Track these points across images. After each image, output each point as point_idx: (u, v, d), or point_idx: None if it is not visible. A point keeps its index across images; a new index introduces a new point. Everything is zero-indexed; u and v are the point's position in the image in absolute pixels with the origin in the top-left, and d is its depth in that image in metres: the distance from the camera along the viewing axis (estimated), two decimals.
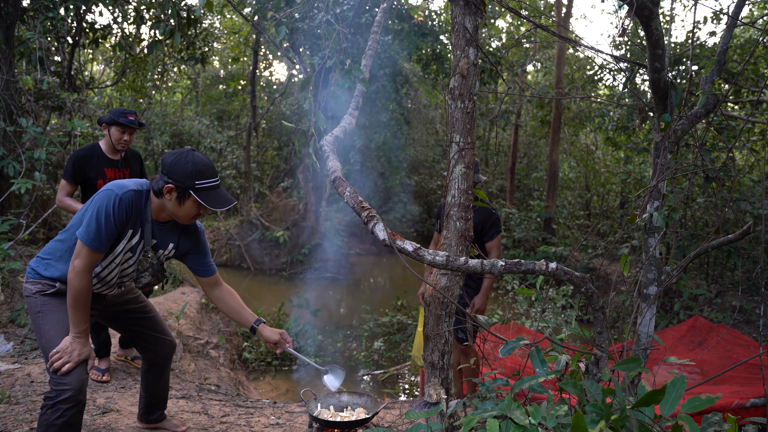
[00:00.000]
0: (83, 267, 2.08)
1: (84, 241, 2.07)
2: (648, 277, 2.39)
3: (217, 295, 2.48)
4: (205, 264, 2.45)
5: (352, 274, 11.57)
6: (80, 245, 2.08)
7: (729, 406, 2.91)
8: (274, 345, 2.43)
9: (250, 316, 2.46)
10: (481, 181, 3.42)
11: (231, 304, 2.47)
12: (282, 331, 2.45)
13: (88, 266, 2.09)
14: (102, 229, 2.08)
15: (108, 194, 2.12)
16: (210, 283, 2.47)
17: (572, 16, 20.39)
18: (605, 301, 2.08)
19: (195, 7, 6.74)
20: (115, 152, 3.47)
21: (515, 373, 1.91)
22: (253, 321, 2.44)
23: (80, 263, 2.07)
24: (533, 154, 16.84)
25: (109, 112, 3.42)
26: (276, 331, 2.43)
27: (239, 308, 2.47)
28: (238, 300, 2.50)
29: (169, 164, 2.14)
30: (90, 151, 3.42)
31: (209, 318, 5.81)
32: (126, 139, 3.41)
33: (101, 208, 2.09)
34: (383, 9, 2.87)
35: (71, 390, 2.05)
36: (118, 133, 3.38)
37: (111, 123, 3.36)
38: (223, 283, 2.52)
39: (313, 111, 2.26)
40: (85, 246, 2.07)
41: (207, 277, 2.45)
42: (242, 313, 2.47)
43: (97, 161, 3.41)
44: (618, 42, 9.30)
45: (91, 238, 2.07)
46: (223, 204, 2.18)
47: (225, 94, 17.73)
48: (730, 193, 4.40)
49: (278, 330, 2.44)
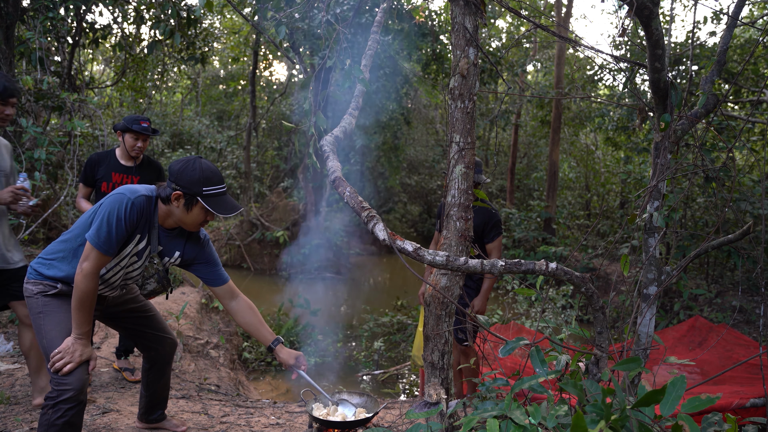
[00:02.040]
0: (91, 270, 2.08)
1: (94, 244, 2.07)
2: (648, 277, 2.39)
3: (235, 309, 2.48)
4: (215, 273, 2.44)
5: (352, 274, 11.58)
6: (89, 248, 2.08)
7: (729, 406, 2.91)
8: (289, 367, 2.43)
9: (269, 335, 2.46)
10: (484, 182, 3.42)
11: (249, 320, 2.47)
12: (299, 354, 2.44)
13: (96, 269, 2.09)
14: (113, 233, 2.08)
15: (120, 198, 2.12)
16: (225, 294, 2.47)
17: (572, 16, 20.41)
18: (605, 301, 2.08)
19: (195, 7, 6.74)
20: (129, 158, 3.52)
21: (515, 373, 1.91)
22: (272, 341, 2.44)
23: (89, 266, 2.07)
24: (533, 154, 16.85)
25: (123, 120, 3.47)
26: (292, 354, 2.43)
27: (258, 325, 2.47)
28: (258, 316, 2.49)
29: (176, 171, 2.16)
30: (104, 154, 3.51)
31: (209, 318, 5.82)
32: (140, 145, 3.46)
33: (113, 212, 2.09)
34: (383, 9, 2.87)
35: (72, 390, 2.05)
36: (132, 140, 3.44)
37: (125, 130, 3.43)
38: (241, 294, 2.51)
39: (313, 111, 2.26)
40: (95, 249, 2.07)
41: (219, 286, 2.45)
42: (261, 330, 2.47)
43: (107, 164, 3.48)
44: (618, 42, 9.31)
45: (101, 241, 2.07)
46: (230, 210, 2.20)
47: (225, 94, 17.73)
48: (730, 193, 4.40)
49: (295, 353, 2.44)
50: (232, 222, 12.41)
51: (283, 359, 2.42)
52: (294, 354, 2.44)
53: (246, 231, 12.01)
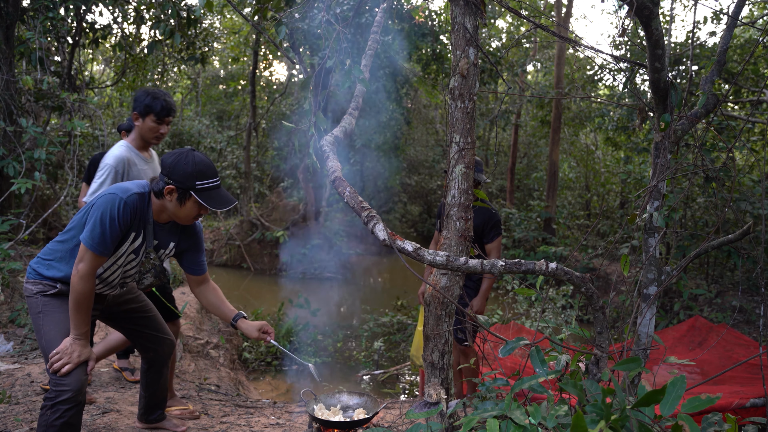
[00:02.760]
0: (87, 271, 2.06)
1: (88, 245, 2.05)
2: (648, 277, 2.39)
3: (201, 291, 2.48)
4: (199, 263, 2.45)
5: (352, 274, 11.57)
6: (84, 249, 2.06)
7: (729, 406, 2.91)
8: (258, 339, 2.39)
9: (230, 312, 2.43)
10: (484, 181, 3.42)
11: (211, 300, 2.47)
12: (261, 324, 2.40)
13: (92, 270, 2.08)
14: (107, 234, 2.06)
15: (112, 198, 2.09)
16: (198, 281, 2.47)
17: (572, 16, 20.39)
18: (605, 301, 2.08)
19: (195, 7, 6.74)
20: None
21: (515, 373, 1.91)
22: (233, 316, 2.41)
23: (84, 267, 2.06)
24: (533, 154, 16.85)
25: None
26: (254, 325, 2.39)
27: (219, 303, 2.46)
28: (220, 295, 2.49)
29: (169, 165, 2.13)
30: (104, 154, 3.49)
31: (209, 318, 5.81)
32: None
33: (105, 213, 2.07)
34: (383, 9, 2.87)
35: (71, 391, 2.04)
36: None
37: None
38: (210, 280, 2.52)
39: (313, 111, 2.26)
40: (89, 250, 2.05)
41: (198, 275, 2.46)
42: (222, 308, 2.45)
43: None
44: (618, 42, 9.31)
45: (95, 243, 2.05)
46: (224, 204, 2.17)
47: (225, 94, 17.73)
48: (730, 193, 4.39)
49: (257, 323, 2.39)
50: (232, 222, 12.41)
51: (247, 331, 2.38)
52: (256, 325, 2.39)
53: (246, 231, 12.01)
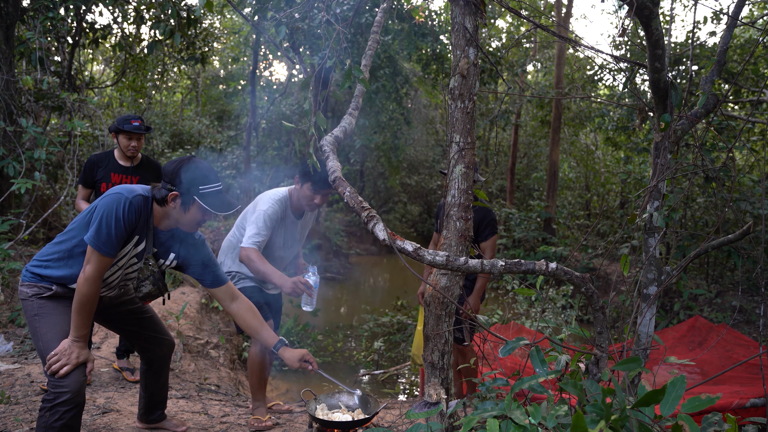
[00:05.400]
0: (95, 273, 2.05)
1: (94, 246, 2.04)
2: (648, 277, 2.39)
3: (236, 311, 2.44)
4: (213, 274, 2.40)
5: (352, 274, 11.57)
6: (90, 251, 2.04)
7: (729, 406, 2.91)
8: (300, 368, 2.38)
9: (272, 338, 2.41)
10: (480, 181, 3.42)
11: (251, 323, 2.43)
12: (303, 353, 2.37)
13: (99, 272, 2.06)
14: (113, 234, 2.05)
15: (117, 198, 2.08)
16: (224, 296, 2.43)
17: (572, 16, 20.40)
18: (605, 301, 2.07)
19: (195, 7, 6.74)
20: (126, 159, 3.53)
21: (515, 373, 1.91)
22: (275, 343, 2.40)
23: (91, 269, 2.05)
24: (533, 154, 16.85)
25: (115, 121, 3.50)
26: (296, 355, 2.36)
27: (259, 328, 2.43)
28: (259, 318, 2.45)
29: (171, 172, 2.14)
30: (102, 155, 3.53)
31: (209, 318, 5.82)
32: (134, 145, 3.47)
33: (111, 212, 2.05)
34: (383, 9, 2.87)
35: (69, 392, 2.03)
36: (126, 140, 3.46)
37: (117, 131, 3.45)
38: (241, 295, 2.47)
39: (313, 111, 2.26)
40: (96, 251, 2.04)
41: (218, 287, 2.41)
42: (262, 333, 2.42)
43: (106, 165, 3.49)
44: (618, 42, 9.31)
45: (101, 243, 2.04)
46: (228, 208, 2.17)
47: (225, 94, 17.72)
48: (730, 193, 4.40)
49: (299, 352, 2.37)
50: (232, 222, 12.40)
51: (289, 361, 2.36)
52: (297, 355, 2.36)
53: None
